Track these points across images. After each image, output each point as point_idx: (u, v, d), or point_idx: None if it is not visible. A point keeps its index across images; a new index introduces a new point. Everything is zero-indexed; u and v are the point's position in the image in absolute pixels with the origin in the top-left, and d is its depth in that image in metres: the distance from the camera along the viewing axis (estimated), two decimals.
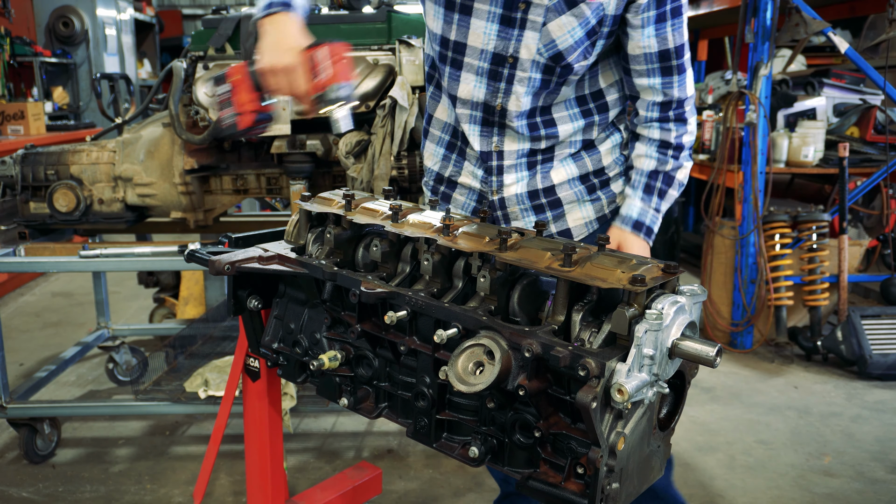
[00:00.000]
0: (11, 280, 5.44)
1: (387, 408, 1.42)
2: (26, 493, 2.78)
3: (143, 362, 3.67)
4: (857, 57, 3.93)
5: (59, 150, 3.02)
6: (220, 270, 1.44)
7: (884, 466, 3.00)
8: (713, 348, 1.07)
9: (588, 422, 1.04)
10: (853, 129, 4.43)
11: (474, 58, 1.66)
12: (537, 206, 1.81)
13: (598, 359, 1.05)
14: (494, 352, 1.12)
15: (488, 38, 1.63)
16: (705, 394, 3.68)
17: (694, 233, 6.16)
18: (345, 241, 1.47)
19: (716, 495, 2.81)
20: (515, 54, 1.63)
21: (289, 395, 2.82)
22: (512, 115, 1.69)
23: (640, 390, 1.05)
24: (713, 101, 4.96)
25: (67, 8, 7.78)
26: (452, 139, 1.84)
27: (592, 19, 1.59)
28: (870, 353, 3.79)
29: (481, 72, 1.67)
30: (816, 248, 4.10)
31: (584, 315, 1.16)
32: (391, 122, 2.70)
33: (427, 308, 1.26)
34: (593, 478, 1.07)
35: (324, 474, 2.90)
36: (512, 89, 1.67)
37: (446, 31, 1.66)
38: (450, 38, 1.66)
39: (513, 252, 1.24)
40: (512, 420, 1.19)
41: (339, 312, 1.44)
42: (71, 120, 7.00)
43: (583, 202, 1.83)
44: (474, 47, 1.65)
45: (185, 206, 3.03)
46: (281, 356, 1.57)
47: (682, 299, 1.13)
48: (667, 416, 1.24)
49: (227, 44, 2.92)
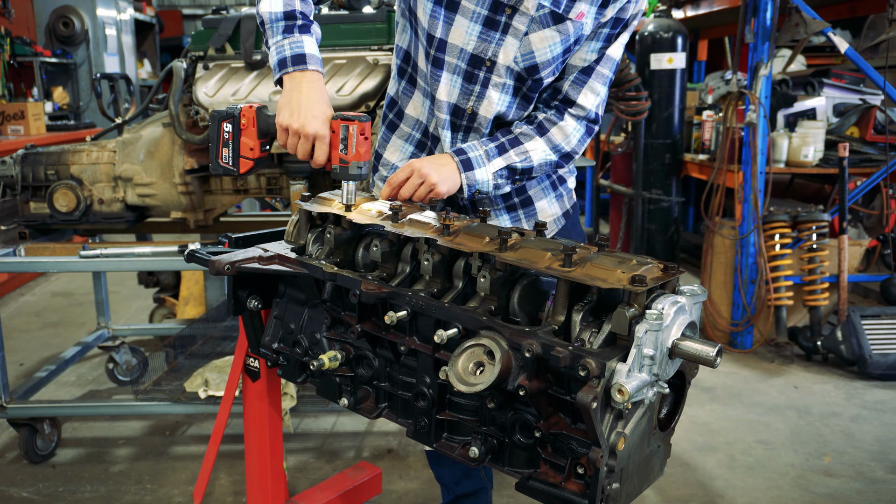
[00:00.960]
0: (11, 280, 5.44)
1: (387, 408, 1.42)
2: (26, 493, 2.78)
3: (143, 362, 3.67)
4: (857, 57, 3.93)
5: (59, 150, 3.02)
6: (220, 270, 1.44)
7: (884, 466, 3.00)
8: (713, 348, 1.08)
9: (588, 422, 1.04)
10: (853, 129, 4.43)
11: (453, 56, 1.65)
12: (510, 206, 1.82)
13: (599, 359, 1.05)
14: (495, 352, 1.12)
15: (469, 37, 1.62)
16: (705, 394, 3.68)
17: (694, 233, 6.16)
18: (345, 242, 1.47)
19: (716, 495, 2.81)
20: (493, 58, 1.63)
21: (289, 395, 2.82)
22: (481, 120, 1.69)
23: (640, 390, 1.05)
24: (713, 101, 4.95)
25: (67, 8, 7.78)
26: (423, 138, 1.81)
27: (572, 37, 1.60)
28: (870, 353, 3.79)
29: (458, 71, 1.66)
30: (816, 248, 4.10)
31: (584, 315, 1.16)
32: None
33: (427, 308, 1.26)
34: (593, 478, 1.07)
35: (324, 474, 2.90)
36: (486, 93, 1.66)
37: (432, 27, 1.65)
38: (435, 35, 1.65)
39: (513, 252, 1.24)
40: (512, 420, 1.19)
41: (339, 312, 1.44)
42: (71, 120, 7.00)
43: (550, 199, 1.84)
44: (454, 45, 1.63)
45: (185, 206, 3.03)
46: (281, 356, 1.57)
47: (683, 299, 1.13)
48: (667, 416, 1.24)
49: (227, 44, 2.92)
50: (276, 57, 1.59)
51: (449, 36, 1.63)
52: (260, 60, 2.81)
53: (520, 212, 1.83)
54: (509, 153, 1.67)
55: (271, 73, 2.85)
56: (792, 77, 4.73)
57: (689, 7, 5.28)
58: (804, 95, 4.54)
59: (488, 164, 1.65)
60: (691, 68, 6.52)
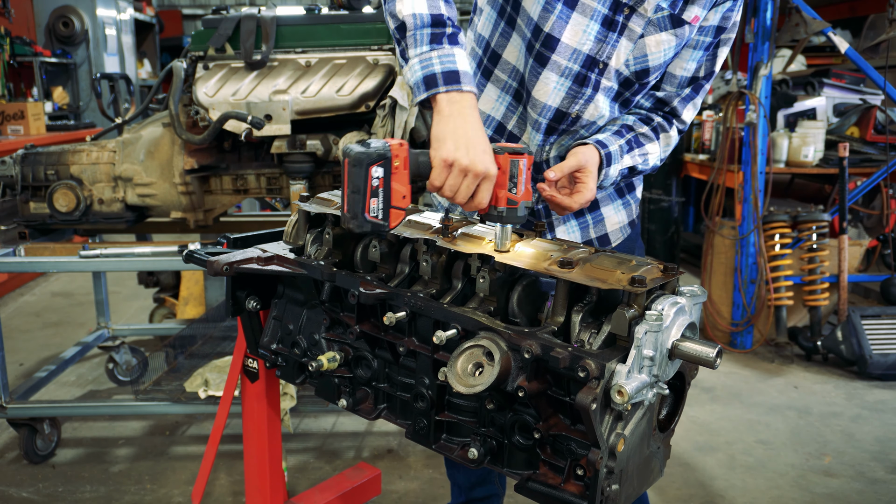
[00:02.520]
0: (11, 280, 5.44)
1: (386, 409, 1.41)
2: (26, 493, 2.78)
3: (143, 362, 3.67)
4: (857, 57, 3.92)
5: (59, 150, 3.02)
6: (218, 271, 1.43)
7: (884, 466, 3.00)
8: (713, 349, 1.07)
9: (588, 423, 1.03)
10: (853, 129, 4.43)
11: (564, 57, 1.51)
12: (578, 212, 1.73)
13: (598, 360, 1.04)
14: (494, 353, 1.12)
15: (587, 37, 1.50)
16: (705, 394, 3.68)
17: (694, 233, 6.15)
18: (343, 242, 1.46)
19: (716, 495, 2.81)
20: (607, 60, 1.53)
21: (289, 395, 2.82)
22: (583, 123, 1.60)
23: (639, 392, 1.05)
24: (713, 101, 4.95)
25: (67, 8, 7.78)
26: (520, 88, 1.63)
27: (685, 42, 1.55)
28: (870, 353, 3.78)
29: (568, 73, 1.53)
30: (816, 248, 4.09)
31: (583, 316, 1.15)
32: (391, 121, 2.70)
33: (426, 309, 1.25)
34: (593, 479, 1.07)
35: (324, 474, 2.89)
36: (595, 97, 1.56)
37: (542, 20, 1.48)
38: (543, 29, 1.49)
39: (512, 253, 1.24)
40: (511, 421, 1.19)
41: (337, 313, 1.44)
42: (71, 120, 7.00)
43: (616, 206, 1.77)
44: (567, 45, 1.50)
45: (185, 206, 3.03)
46: (279, 357, 1.56)
47: (682, 300, 1.13)
48: (666, 418, 1.24)
49: (227, 44, 2.92)
50: (420, 73, 1.34)
51: (563, 34, 1.49)
52: (260, 60, 2.81)
53: (588, 217, 1.74)
54: (634, 153, 1.59)
55: (272, 72, 2.87)
56: (792, 77, 4.73)
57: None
58: (804, 95, 4.54)
59: (620, 160, 1.57)
60: None
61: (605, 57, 1.52)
